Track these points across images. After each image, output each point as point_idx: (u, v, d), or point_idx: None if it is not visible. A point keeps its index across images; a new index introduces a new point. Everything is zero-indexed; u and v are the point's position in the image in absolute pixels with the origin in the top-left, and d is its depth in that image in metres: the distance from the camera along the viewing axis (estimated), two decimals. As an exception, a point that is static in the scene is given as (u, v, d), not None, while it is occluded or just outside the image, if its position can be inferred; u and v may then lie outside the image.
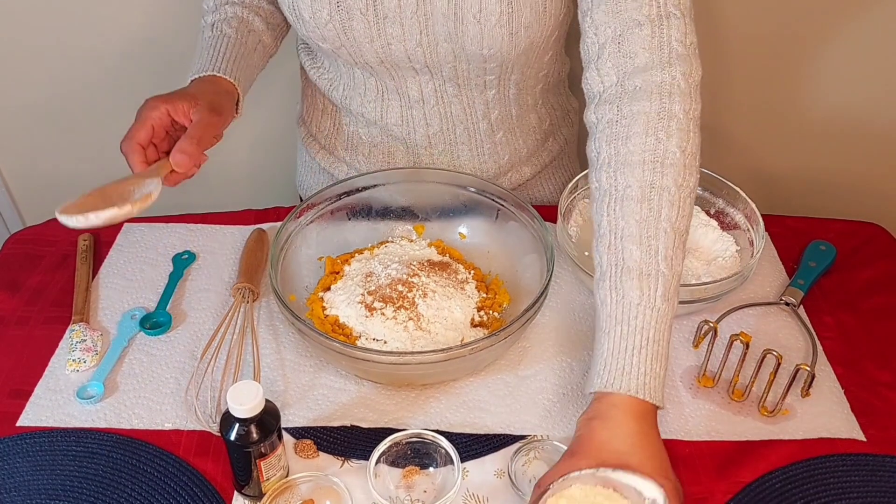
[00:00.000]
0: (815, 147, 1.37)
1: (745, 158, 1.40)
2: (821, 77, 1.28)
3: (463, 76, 0.92)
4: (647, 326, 0.71)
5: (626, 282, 0.72)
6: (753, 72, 1.30)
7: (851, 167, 1.38)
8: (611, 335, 0.72)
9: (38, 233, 1.04)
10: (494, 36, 0.84)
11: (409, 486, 0.76)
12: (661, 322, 0.71)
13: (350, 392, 0.85)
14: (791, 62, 1.28)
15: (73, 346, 0.87)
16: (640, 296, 0.72)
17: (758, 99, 1.33)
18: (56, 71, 1.33)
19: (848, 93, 1.29)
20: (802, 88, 1.30)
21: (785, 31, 1.24)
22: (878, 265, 1.01)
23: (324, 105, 1.05)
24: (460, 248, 1.00)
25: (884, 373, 0.88)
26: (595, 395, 0.72)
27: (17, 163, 1.48)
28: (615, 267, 0.73)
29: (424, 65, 0.89)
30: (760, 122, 1.36)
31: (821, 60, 1.26)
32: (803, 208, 1.29)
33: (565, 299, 0.96)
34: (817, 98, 1.31)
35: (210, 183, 1.53)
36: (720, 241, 0.98)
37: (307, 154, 1.12)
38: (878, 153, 1.36)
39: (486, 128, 0.99)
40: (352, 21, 0.85)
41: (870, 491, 0.77)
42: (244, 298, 0.92)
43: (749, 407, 0.84)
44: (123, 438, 0.79)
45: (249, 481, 0.73)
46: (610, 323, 0.73)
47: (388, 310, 0.87)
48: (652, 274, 0.72)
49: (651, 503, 0.67)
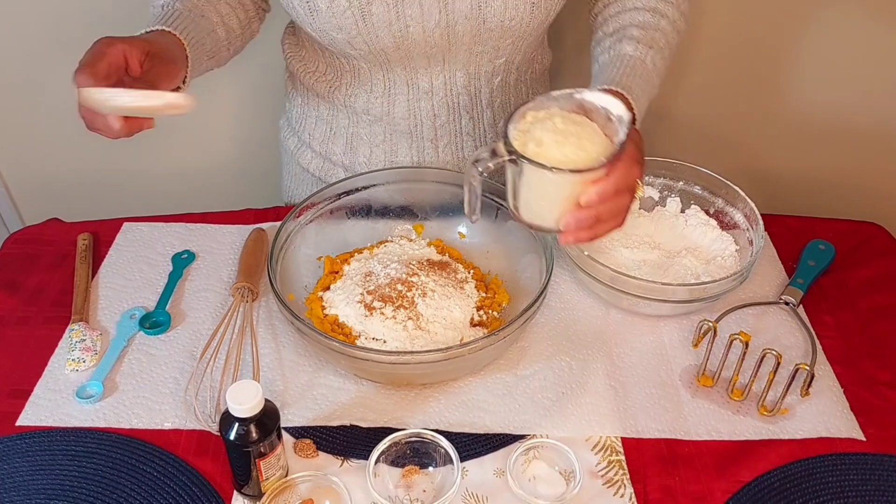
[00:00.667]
0: (815, 147, 1.37)
1: (745, 158, 1.40)
2: (820, 77, 1.28)
3: (475, 61, 0.93)
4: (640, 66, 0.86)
5: (625, 45, 0.88)
6: (754, 72, 1.30)
7: (851, 167, 1.38)
8: (613, 68, 0.86)
9: (37, 232, 1.04)
10: (518, 6, 0.85)
11: (409, 486, 0.76)
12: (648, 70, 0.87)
13: (349, 391, 0.85)
14: (791, 62, 1.28)
15: (73, 345, 0.87)
16: (634, 49, 0.87)
17: (758, 99, 1.33)
18: (56, 71, 1.33)
19: (848, 93, 1.29)
20: (802, 88, 1.30)
21: (785, 31, 1.24)
22: (878, 264, 1.01)
23: (318, 111, 1.04)
24: (460, 248, 1.00)
25: (883, 372, 0.88)
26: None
27: (17, 163, 1.48)
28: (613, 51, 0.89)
29: (440, 48, 0.90)
30: (760, 122, 1.36)
31: (820, 60, 1.26)
32: (803, 208, 1.28)
33: (564, 299, 0.96)
34: (817, 98, 1.31)
35: (210, 183, 1.53)
36: (719, 241, 0.98)
37: (297, 165, 1.10)
38: (878, 153, 1.36)
39: (489, 117, 1.01)
40: (371, 6, 0.84)
41: (869, 490, 0.77)
42: (243, 298, 0.92)
43: (748, 406, 0.84)
44: (123, 438, 0.79)
45: (249, 481, 0.73)
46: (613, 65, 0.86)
47: (387, 309, 0.87)
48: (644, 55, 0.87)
49: (617, 119, 0.72)
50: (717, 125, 1.37)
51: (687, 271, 0.94)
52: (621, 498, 0.75)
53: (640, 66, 0.86)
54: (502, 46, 0.92)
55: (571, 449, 0.76)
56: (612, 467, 0.78)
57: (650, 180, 1.03)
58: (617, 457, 0.79)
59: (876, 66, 1.26)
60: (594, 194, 0.69)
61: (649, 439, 0.80)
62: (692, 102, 1.35)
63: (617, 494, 0.76)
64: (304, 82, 1.03)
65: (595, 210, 0.70)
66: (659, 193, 1.04)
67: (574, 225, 0.71)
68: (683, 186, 1.02)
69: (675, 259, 0.96)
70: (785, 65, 1.28)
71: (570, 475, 0.76)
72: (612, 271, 0.88)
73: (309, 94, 1.04)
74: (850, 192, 1.40)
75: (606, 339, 0.91)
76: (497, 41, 0.90)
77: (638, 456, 0.79)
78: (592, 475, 0.77)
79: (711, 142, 1.39)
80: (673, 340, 0.91)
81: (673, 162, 1.02)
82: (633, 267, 0.95)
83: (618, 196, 0.71)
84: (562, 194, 0.70)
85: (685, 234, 1.00)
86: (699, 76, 1.32)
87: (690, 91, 1.34)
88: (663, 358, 0.89)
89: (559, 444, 0.77)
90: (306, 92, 1.04)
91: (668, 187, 1.03)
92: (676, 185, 1.03)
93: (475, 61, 0.93)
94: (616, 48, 0.89)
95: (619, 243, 0.98)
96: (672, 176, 1.03)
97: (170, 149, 1.47)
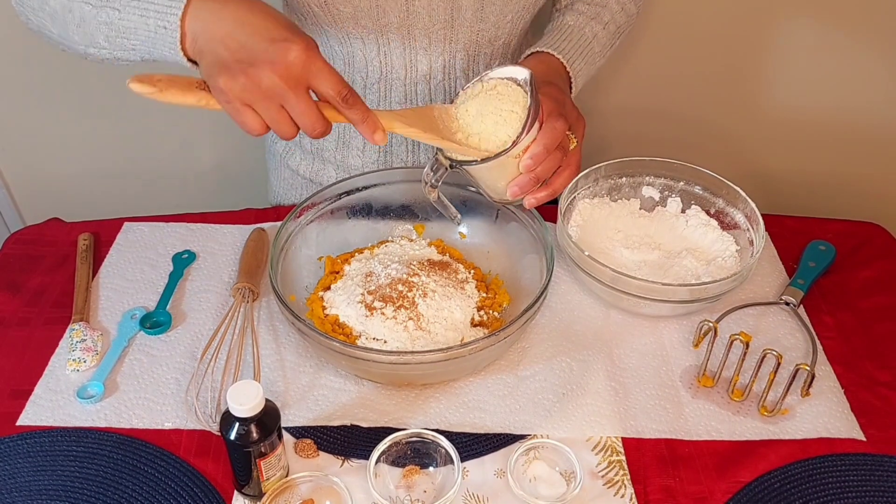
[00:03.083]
0: (816, 148, 1.37)
1: (745, 158, 1.40)
2: (820, 77, 1.28)
3: (475, 41, 0.93)
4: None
5: (566, 17, 0.96)
6: (754, 72, 1.30)
7: (851, 167, 1.38)
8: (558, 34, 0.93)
9: (38, 233, 1.04)
10: None
11: (409, 486, 0.76)
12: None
13: (350, 392, 0.85)
14: (791, 62, 1.28)
15: (74, 345, 0.87)
16: (574, 20, 0.95)
17: (759, 99, 1.33)
18: (56, 71, 1.33)
19: (848, 93, 1.30)
20: (803, 89, 1.30)
21: (786, 31, 1.24)
22: (878, 265, 1.01)
23: None
24: (460, 248, 1.00)
25: (883, 372, 0.88)
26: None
27: (18, 163, 1.48)
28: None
29: (443, 24, 0.90)
30: (761, 122, 1.36)
31: (821, 60, 1.26)
32: (803, 208, 1.29)
33: (565, 299, 0.96)
34: (818, 99, 1.31)
35: (210, 183, 1.53)
36: (720, 241, 0.98)
37: (286, 168, 1.10)
38: (878, 153, 1.36)
39: None
40: None
41: (869, 490, 0.77)
42: (244, 298, 0.93)
43: (749, 407, 0.84)
44: (124, 438, 0.80)
45: (249, 481, 0.73)
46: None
47: (388, 309, 0.87)
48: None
49: (523, 83, 0.75)
50: (718, 126, 1.37)
51: (687, 272, 0.94)
52: (622, 498, 0.75)
53: (576, 34, 0.94)
54: (502, 24, 0.92)
55: (572, 449, 0.76)
56: (613, 468, 0.78)
57: (650, 180, 1.04)
58: (617, 457, 0.79)
59: (877, 67, 1.26)
60: (528, 159, 0.76)
61: (650, 440, 0.80)
62: (693, 103, 1.35)
63: (617, 495, 0.76)
64: None
65: (534, 172, 0.77)
66: (659, 194, 1.04)
67: (519, 191, 0.78)
68: (684, 187, 1.03)
69: (676, 259, 0.96)
70: (786, 65, 1.28)
71: (570, 475, 0.76)
72: (613, 272, 0.88)
73: None
74: (850, 192, 1.40)
75: (607, 340, 0.91)
76: (498, 16, 0.91)
77: (638, 456, 0.79)
78: (593, 475, 0.77)
79: (712, 142, 1.39)
80: (673, 341, 0.91)
81: (673, 162, 1.02)
82: (633, 267, 0.95)
83: (550, 154, 0.77)
84: (507, 171, 0.78)
85: (686, 235, 1.00)
86: (699, 77, 1.32)
87: (691, 91, 1.34)
88: (664, 358, 0.89)
89: (560, 444, 0.77)
90: None
91: (668, 187, 1.03)
92: (677, 186, 1.03)
93: (476, 41, 0.93)
94: (558, 20, 0.97)
95: (620, 244, 0.98)
96: (672, 176, 1.03)
97: (170, 149, 1.47)
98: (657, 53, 1.29)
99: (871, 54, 1.24)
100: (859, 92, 1.29)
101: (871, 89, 1.28)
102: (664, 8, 1.24)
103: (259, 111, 0.67)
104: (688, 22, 1.26)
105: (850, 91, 1.29)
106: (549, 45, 0.91)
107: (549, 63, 0.90)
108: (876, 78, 1.27)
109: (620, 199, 1.04)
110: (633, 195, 1.04)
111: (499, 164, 0.75)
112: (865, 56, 1.24)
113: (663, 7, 1.24)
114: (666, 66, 1.31)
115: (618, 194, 1.04)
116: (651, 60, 1.30)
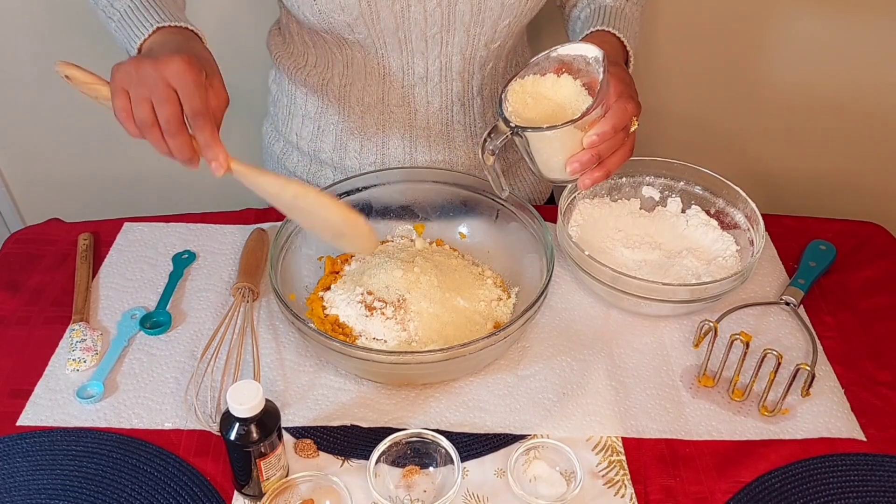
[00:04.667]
0: (816, 147, 1.37)
1: (745, 158, 1.40)
2: (821, 77, 1.28)
3: (471, 45, 0.93)
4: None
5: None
6: (754, 72, 1.30)
7: (851, 167, 1.38)
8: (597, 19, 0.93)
9: (38, 232, 1.04)
10: None
11: (409, 486, 0.76)
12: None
13: (350, 392, 0.85)
14: (791, 62, 1.28)
15: (73, 345, 0.87)
16: (613, 1, 0.95)
17: (759, 99, 1.33)
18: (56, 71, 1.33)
19: (848, 93, 1.30)
20: (804, 89, 1.30)
21: (787, 31, 1.24)
22: (878, 264, 1.01)
23: (305, 110, 1.04)
24: (460, 248, 1.00)
25: (884, 372, 0.88)
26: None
27: (18, 163, 1.48)
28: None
29: (439, 29, 0.90)
30: (760, 122, 1.36)
31: (821, 60, 1.26)
32: (803, 208, 1.29)
33: (565, 299, 0.96)
34: (819, 98, 1.31)
35: (210, 183, 1.53)
36: (720, 241, 0.98)
37: (283, 169, 1.10)
38: (878, 153, 1.36)
39: (479, 105, 1.01)
40: None
41: (869, 490, 0.77)
42: (244, 298, 0.93)
43: (749, 406, 0.84)
44: (123, 438, 0.79)
45: (249, 481, 0.73)
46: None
47: (388, 309, 0.87)
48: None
49: (594, 61, 0.77)
50: (718, 125, 1.37)
51: (688, 271, 0.94)
52: (622, 498, 0.75)
53: (620, 13, 0.94)
54: (499, 28, 0.92)
55: (572, 449, 0.76)
56: (613, 467, 0.78)
57: (651, 180, 1.04)
58: (618, 457, 0.79)
59: (877, 67, 1.26)
60: (594, 135, 0.76)
61: (650, 439, 0.80)
62: (693, 103, 1.35)
63: (618, 495, 0.76)
64: (294, 79, 1.02)
65: (596, 150, 0.77)
66: (660, 193, 1.04)
67: (580, 167, 0.78)
68: (684, 187, 1.02)
69: (676, 259, 0.96)
70: (786, 65, 1.28)
71: (570, 475, 0.76)
72: (613, 272, 0.88)
73: (296, 92, 1.04)
74: (850, 192, 1.40)
75: (607, 340, 0.91)
76: (495, 21, 0.91)
77: (639, 456, 0.79)
78: (593, 475, 0.77)
79: (712, 142, 1.39)
80: (674, 341, 0.91)
81: (673, 162, 1.02)
82: (633, 267, 0.95)
83: (615, 134, 0.77)
84: (566, 146, 0.77)
85: (686, 235, 1.00)
86: (699, 76, 1.32)
87: (691, 91, 1.34)
88: (664, 358, 0.89)
89: (560, 444, 0.77)
90: (293, 91, 1.04)
91: (668, 187, 1.03)
92: (677, 186, 1.03)
93: (472, 45, 0.93)
94: (594, 3, 0.97)
95: (620, 243, 0.98)
96: (673, 176, 1.03)
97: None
98: (657, 53, 1.29)
99: (871, 54, 1.24)
100: (860, 91, 1.29)
101: (871, 89, 1.28)
102: (664, 8, 1.24)
103: (131, 94, 0.72)
104: (688, 22, 1.26)
105: (850, 91, 1.29)
106: (609, 25, 0.91)
107: (612, 43, 0.91)
108: (876, 78, 1.27)
109: (620, 199, 1.04)
110: (633, 195, 1.04)
111: (561, 136, 0.76)
112: (866, 56, 1.24)
113: (663, 7, 1.24)
114: (666, 66, 1.31)
115: (618, 194, 1.04)
116: (651, 60, 1.30)
